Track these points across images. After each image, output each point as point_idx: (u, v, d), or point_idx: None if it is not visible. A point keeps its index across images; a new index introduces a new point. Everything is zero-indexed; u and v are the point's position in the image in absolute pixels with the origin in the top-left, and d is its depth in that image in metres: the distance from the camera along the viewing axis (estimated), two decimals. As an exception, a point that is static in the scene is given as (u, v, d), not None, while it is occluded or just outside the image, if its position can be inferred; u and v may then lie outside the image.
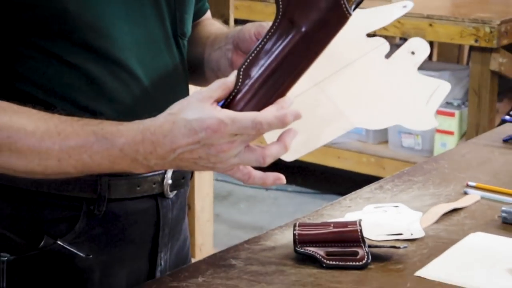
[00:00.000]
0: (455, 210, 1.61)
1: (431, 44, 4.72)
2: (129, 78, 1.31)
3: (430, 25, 3.79)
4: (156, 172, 1.37)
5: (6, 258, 1.32)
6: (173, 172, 1.40)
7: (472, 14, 3.76)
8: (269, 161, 1.19)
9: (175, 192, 1.42)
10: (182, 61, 1.41)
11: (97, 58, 1.28)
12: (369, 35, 1.33)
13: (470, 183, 1.73)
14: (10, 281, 1.33)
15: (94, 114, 1.28)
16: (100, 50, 1.28)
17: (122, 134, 1.18)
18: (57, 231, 1.32)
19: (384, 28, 3.90)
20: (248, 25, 1.38)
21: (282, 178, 1.23)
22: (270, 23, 1.23)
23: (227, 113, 1.15)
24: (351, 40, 1.30)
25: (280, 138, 1.20)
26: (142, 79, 1.32)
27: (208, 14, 1.59)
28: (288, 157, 1.28)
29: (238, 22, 4.21)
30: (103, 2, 1.27)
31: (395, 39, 4.74)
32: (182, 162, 1.18)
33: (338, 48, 1.27)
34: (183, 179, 1.43)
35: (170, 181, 1.39)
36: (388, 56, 1.33)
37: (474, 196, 1.68)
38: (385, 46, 1.33)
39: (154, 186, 1.38)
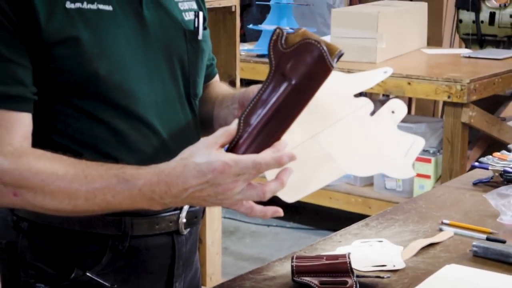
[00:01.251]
0: (431, 245, 1.61)
1: (410, 99, 4.74)
2: (149, 132, 1.31)
3: (409, 83, 3.80)
4: (172, 212, 1.37)
5: (41, 287, 1.31)
6: (187, 212, 1.40)
7: (445, 74, 3.78)
8: (268, 195, 1.19)
9: (188, 229, 1.42)
10: (194, 117, 1.42)
11: (123, 114, 1.29)
12: (356, 95, 1.34)
13: (445, 221, 1.73)
14: None
15: (117, 162, 1.28)
16: (125, 108, 1.29)
17: (141, 176, 1.18)
18: (86, 264, 1.32)
19: (369, 86, 3.92)
20: (252, 86, 1.39)
21: (280, 211, 1.23)
22: None
23: (231, 156, 1.16)
24: (342, 100, 1.32)
25: (277, 176, 1.20)
26: (161, 133, 1.33)
27: (217, 77, 1.60)
28: (289, 199, 1.28)
29: (243, 81, 4.23)
30: (129, 67, 1.28)
31: (379, 95, 4.75)
32: (194, 200, 1.19)
33: (331, 106, 1.29)
34: (195, 218, 1.43)
35: (184, 220, 1.39)
36: (372, 113, 1.33)
37: (448, 232, 1.67)
38: (370, 105, 1.33)
39: (170, 224, 1.38)
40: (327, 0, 5.17)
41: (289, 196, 1.26)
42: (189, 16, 1.39)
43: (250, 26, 4.60)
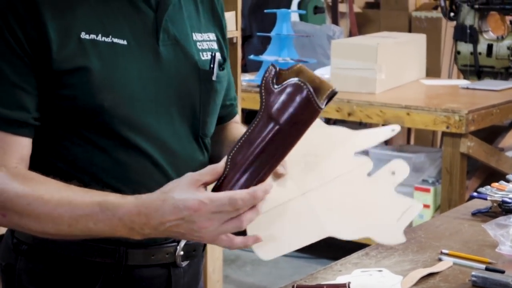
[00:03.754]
0: (431, 275, 1.60)
1: (409, 130, 4.75)
2: (152, 167, 1.31)
3: (408, 114, 3.81)
4: (170, 244, 1.37)
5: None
6: (185, 245, 1.39)
7: (444, 104, 3.79)
8: (245, 224, 1.18)
9: (187, 261, 1.40)
10: (203, 155, 1.41)
11: (125, 146, 1.29)
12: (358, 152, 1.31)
13: (444, 251, 1.72)
14: None
15: (119, 192, 1.27)
16: (129, 141, 1.29)
17: (122, 206, 1.19)
18: None
19: (368, 116, 3.93)
20: None
21: (260, 237, 1.22)
22: None
23: (207, 194, 1.16)
24: (341, 157, 1.29)
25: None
26: (166, 169, 1.32)
27: (237, 118, 1.59)
28: (265, 256, 1.27)
29: (244, 111, 4.24)
30: (137, 101, 1.28)
31: (378, 125, 4.76)
32: (172, 233, 1.19)
33: (329, 163, 1.27)
34: (194, 251, 1.42)
35: (181, 253, 1.38)
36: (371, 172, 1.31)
37: (447, 262, 1.67)
38: (369, 164, 1.31)
39: (167, 256, 1.37)
40: (327, 31, 5.20)
41: (266, 253, 1.24)
42: (206, 56, 1.38)
43: (251, 56, 4.62)
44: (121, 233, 1.20)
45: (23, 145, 1.26)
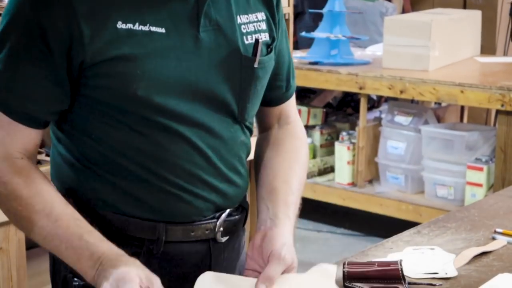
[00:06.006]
0: (484, 253, 1.58)
1: (462, 108, 4.68)
2: (191, 149, 1.31)
3: (462, 91, 3.76)
4: (209, 221, 1.37)
5: (77, 283, 1.33)
6: (224, 221, 1.39)
7: (499, 82, 3.72)
8: None
9: (227, 237, 1.40)
10: (245, 135, 1.40)
11: (163, 131, 1.28)
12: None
13: (498, 230, 1.70)
14: None
15: (158, 175, 1.29)
16: (166, 125, 1.28)
17: (100, 245, 1.22)
18: None
19: (421, 94, 3.89)
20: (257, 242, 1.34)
21: None
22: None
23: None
24: None
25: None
26: (205, 151, 1.32)
27: (291, 109, 1.53)
28: None
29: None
30: (173, 89, 1.27)
31: (431, 103, 4.71)
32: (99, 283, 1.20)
33: None
34: (234, 226, 1.42)
35: (221, 229, 1.38)
36: None
37: (501, 241, 1.64)
38: None
39: (207, 232, 1.37)
40: (380, 8, 5.14)
41: None
42: (251, 39, 1.35)
43: (303, 33, 4.60)
44: (82, 267, 1.23)
45: (30, 136, 1.28)
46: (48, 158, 2.41)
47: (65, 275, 1.35)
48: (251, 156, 1.50)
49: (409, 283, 1.38)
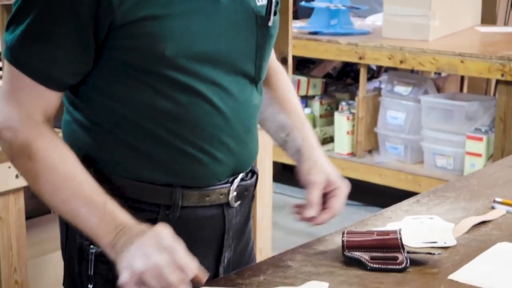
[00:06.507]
0: (483, 223, 1.58)
1: (462, 78, 4.67)
2: (212, 110, 1.33)
3: (462, 61, 3.74)
4: (223, 185, 1.39)
5: (94, 250, 1.35)
6: (238, 186, 1.41)
7: (499, 52, 3.71)
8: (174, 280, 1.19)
9: (239, 202, 1.42)
10: (258, 99, 1.44)
11: (185, 91, 1.30)
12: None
13: (497, 199, 1.70)
14: (96, 270, 1.36)
15: (179, 136, 1.31)
16: (188, 86, 1.30)
17: (123, 211, 1.25)
18: None
19: (421, 64, 3.87)
20: (306, 170, 1.49)
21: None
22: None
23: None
24: None
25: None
26: (225, 112, 1.35)
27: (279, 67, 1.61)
28: None
29: (295, 58, 4.21)
30: (196, 49, 1.29)
31: (431, 73, 4.69)
32: (122, 250, 1.21)
33: None
34: (246, 191, 1.44)
35: (234, 193, 1.40)
36: None
37: (500, 210, 1.64)
38: None
39: (221, 196, 1.39)
40: (380, -23, 5.11)
41: None
42: (261, 1, 1.39)
43: (303, 3, 4.57)
44: (102, 231, 1.24)
45: (51, 99, 1.29)
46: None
47: (80, 242, 1.36)
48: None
49: (408, 252, 1.38)
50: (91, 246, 1.34)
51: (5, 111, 1.27)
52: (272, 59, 1.57)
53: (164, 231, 1.21)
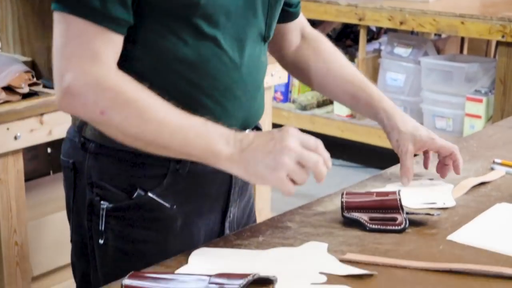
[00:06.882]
0: (482, 184, 1.58)
1: (462, 39, 4.64)
2: (230, 63, 1.35)
3: (462, 22, 3.72)
4: None
5: (105, 205, 1.36)
6: None
7: (500, 13, 3.68)
8: (314, 166, 1.23)
9: None
10: (265, 57, 1.46)
11: (208, 42, 1.31)
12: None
13: (496, 160, 1.70)
14: (107, 225, 1.37)
15: (197, 87, 1.32)
16: (211, 37, 1.31)
17: (223, 126, 1.25)
18: (148, 185, 1.35)
19: (421, 25, 3.85)
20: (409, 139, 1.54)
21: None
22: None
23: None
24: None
25: None
26: (240, 66, 1.36)
27: (302, 19, 1.65)
28: None
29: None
30: (222, 3, 1.30)
31: (430, 34, 4.66)
32: (254, 155, 1.21)
33: None
34: None
35: None
36: None
37: (499, 171, 1.64)
38: None
39: None
40: None
41: None
42: None
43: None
44: (215, 149, 1.22)
45: (120, 45, 1.26)
46: (45, 90, 2.39)
47: (91, 198, 1.37)
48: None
49: (407, 213, 1.38)
50: (102, 202, 1.35)
51: (73, 64, 1.21)
52: (311, 30, 1.64)
53: (291, 128, 1.24)
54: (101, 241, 1.38)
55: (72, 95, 1.21)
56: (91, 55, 1.22)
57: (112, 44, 1.24)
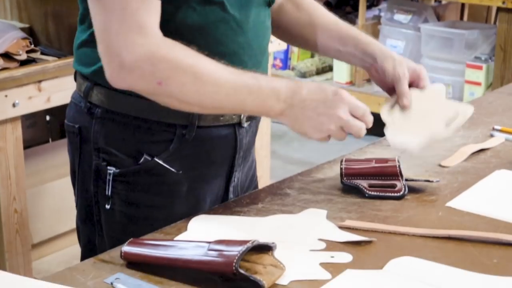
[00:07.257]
0: (482, 150, 1.58)
1: (462, 5, 4.61)
2: (237, 28, 1.34)
3: (463, -12, 3.69)
4: None
5: (112, 171, 1.36)
6: None
7: (500, -21, 3.65)
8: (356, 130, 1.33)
9: (249, 122, 1.44)
10: (269, 22, 1.45)
11: (214, 6, 1.31)
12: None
13: (496, 127, 1.69)
14: (114, 190, 1.37)
15: (206, 54, 1.29)
16: (217, 1, 1.31)
17: (275, 80, 1.29)
18: (154, 150, 1.35)
19: (422, -9, 3.81)
20: (398, 67, 1.56)
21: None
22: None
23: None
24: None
25: None
26: (246, 31, 1.36)
27: None
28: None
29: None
30: None
31: (430, 1, 4.63)
32: (304, 113, 1.27)
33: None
34: None
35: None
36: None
37: (499, 138, 1.64)
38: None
39: (234, 117, 1.40)
40: None
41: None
42: None
43: None
44: (267, 105, 1.27)
45: (158, 8, 1.25)
46: (43, 57, 2.38)
47: (97, 163, 1.38)
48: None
49: (406, 180, 1.38)
50: (108, 167, 1.36)
51: (123, 39, 1.20)
52: None
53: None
54: (107, 206, 1.38)
55: (128, 70, 1.20)
56: (138, 27, 1.21)
57: (154, 10, 1.24)
